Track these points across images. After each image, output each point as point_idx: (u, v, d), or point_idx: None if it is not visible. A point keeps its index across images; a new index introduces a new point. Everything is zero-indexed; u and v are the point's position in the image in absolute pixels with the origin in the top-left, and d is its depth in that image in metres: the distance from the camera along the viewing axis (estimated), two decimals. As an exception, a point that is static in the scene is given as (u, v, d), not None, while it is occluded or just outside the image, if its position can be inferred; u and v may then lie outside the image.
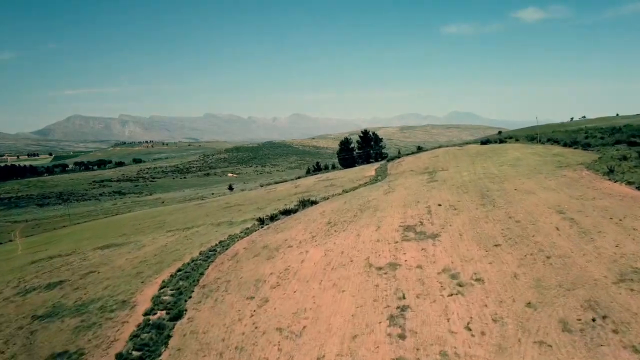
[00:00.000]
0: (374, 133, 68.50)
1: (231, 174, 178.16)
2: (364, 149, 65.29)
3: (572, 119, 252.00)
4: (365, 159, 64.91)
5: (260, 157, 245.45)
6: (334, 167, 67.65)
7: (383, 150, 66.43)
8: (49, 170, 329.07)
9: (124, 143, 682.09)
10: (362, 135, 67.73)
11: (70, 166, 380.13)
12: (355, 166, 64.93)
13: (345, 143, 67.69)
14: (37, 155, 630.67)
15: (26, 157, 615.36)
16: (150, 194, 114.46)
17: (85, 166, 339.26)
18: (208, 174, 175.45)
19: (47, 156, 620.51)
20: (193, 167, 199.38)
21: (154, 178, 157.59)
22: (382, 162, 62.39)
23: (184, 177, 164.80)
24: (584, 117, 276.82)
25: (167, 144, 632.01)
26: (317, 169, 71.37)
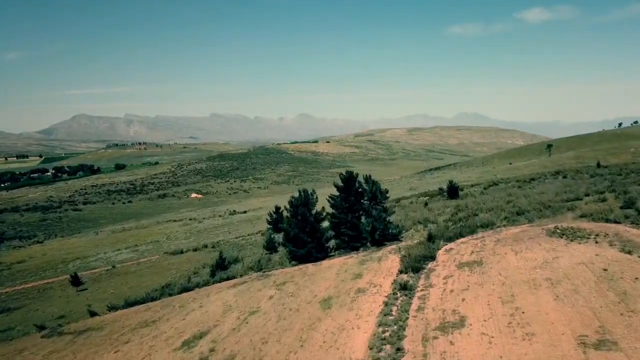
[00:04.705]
0: (368, 177, 29.58)
1: (195, 195, 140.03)
2: (345, 213, 26.18)
3: (620, 124, 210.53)
4: (351, 239, 25.74)
5: (244, 167, 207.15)
6: (287, 246, 28.66)
7: (389, 218, 27.04)
8: (14, 179, 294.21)
9: (117, 145, 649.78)
10: (341, 185, 29.00)
11: (49, 172, 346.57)
12: (325, 257, 25.52)
13: (301, 204, 28.83)
14: (27, 157, 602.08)
15: (15, 158, 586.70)
16: (41, 241, 76.67)
17: (55, 173, 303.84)
18: (164, 195, 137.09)
19: (37, 158, 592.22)
20: (154, 182, 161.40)
21: (86, 202, 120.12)
22: (387, 260, 23.94)
23: (129, 201, 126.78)
24: (637, 122, 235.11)
25: (160, 146, 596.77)
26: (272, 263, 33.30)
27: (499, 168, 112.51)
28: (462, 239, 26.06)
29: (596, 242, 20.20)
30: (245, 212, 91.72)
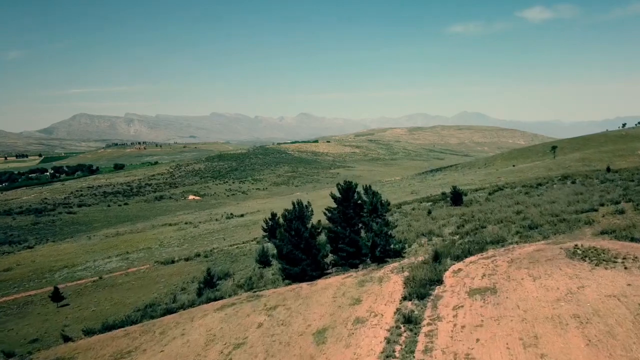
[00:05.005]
0: (368, 187, 27.26)
1: (193, 196, 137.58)
2: (343, 227, 23.76)
3: (624, 125, 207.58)
4: (350, 256, 23.26)
5: (243, 167, 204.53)
6: (280, 262, 26.18)
7: (391, 232, 24.84)
8: (12, 179, 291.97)
9: (116, 144, 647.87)
10: (338, 196, 26.75)
11: (48, 172, 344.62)
12: (321, 275, 23.04)
13: (295, 218, 26.53)
14: (27, 156, 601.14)
15: (14, 158, 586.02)
16: (32, 246, 74.35)
17: (53, 173, 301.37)
18: (161, 197, 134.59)
19: (37, 157, 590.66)
20: (151, 183, 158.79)
21: (81, 205, 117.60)
22: (389, 281, 21.68)
23: (125, 204, 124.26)
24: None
25: (160, 146, 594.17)
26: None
27: (502, 170, 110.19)
28: (471, 258, 23.80)
29: (625, 268, 17.89)
30: (242, 215, 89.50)
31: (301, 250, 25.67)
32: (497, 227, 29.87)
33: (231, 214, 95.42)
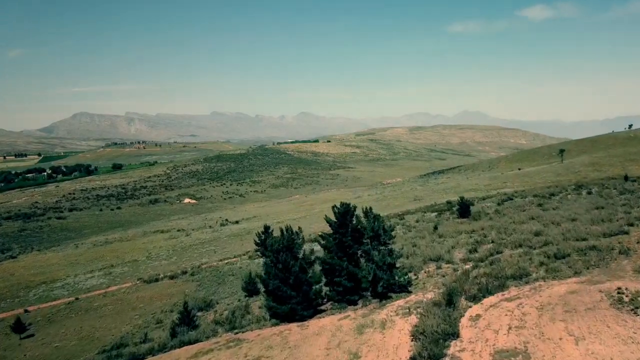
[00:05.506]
0: (369, 210, 23.47)
1: (189, 200, 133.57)
2: (340, 258, 19.79)
3: (630, 126, 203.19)
4: (348, 291, 19.36)
5: (241, 169, 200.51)
6: (266, 299, 22.15)
7: (395, 262, 20.94)
8: (8, 180, 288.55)
9: (116, 144, 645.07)
10: (334, 221, 22.93)
11: (46, 172, 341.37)
12: (314, 313, 18.86)
13: (283, 249, 22.73)
14: (26, 155, 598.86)
15: (13, 157, 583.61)
16: (15, 256, 70.63)
17: (50, 174, 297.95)
18: (156, 201, 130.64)
19: (36, 157, 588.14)
20: (147, 186, 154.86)
21: (72, 209, 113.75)
22: (394, 328, 18.17)
23: (118, 207, 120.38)
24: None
25: (160, 145, 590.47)
26: None
27: (507, 174, 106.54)
28: (491, 299, 20.12)
29: (693, 329, 14.23)
30: (237, 222, 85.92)
31: (290, 287, 22.02)
32: (516, 254, 26.17)
33: (226, 220, 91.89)
